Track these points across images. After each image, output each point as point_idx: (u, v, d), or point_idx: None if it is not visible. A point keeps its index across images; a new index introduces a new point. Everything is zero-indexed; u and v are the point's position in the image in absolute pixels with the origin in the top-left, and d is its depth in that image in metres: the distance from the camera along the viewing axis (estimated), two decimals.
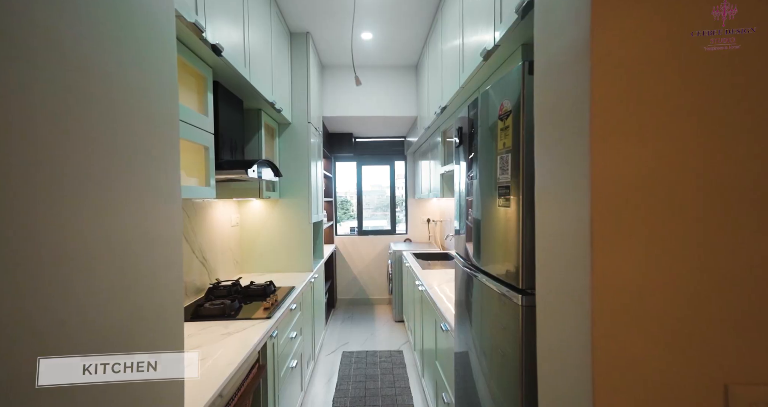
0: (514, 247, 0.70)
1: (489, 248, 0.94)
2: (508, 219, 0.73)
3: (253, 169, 1.59)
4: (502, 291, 0.80)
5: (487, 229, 0.94)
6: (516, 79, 0.66)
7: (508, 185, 0.71)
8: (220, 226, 2.17)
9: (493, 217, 0.86)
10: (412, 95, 3.31)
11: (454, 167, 2.33)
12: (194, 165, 1.35)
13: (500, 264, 0.84)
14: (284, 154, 2.53)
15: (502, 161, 0.74)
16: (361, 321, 3.73)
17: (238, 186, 2.11)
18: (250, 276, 2.37)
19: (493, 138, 0.81)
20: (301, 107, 2.54)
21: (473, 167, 0.98)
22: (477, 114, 0.91)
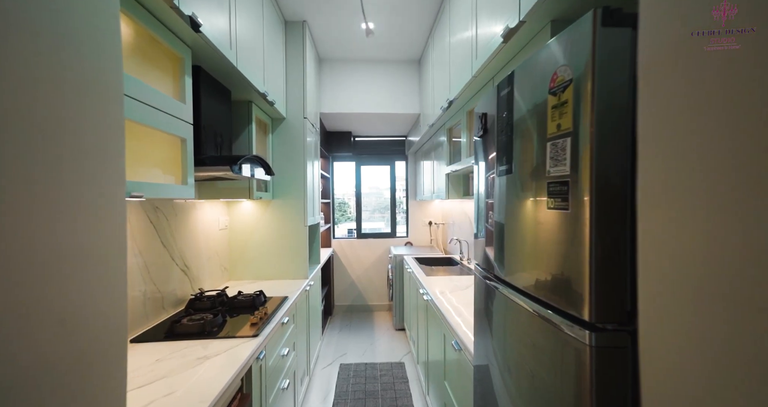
0: (577, 265, 0.51)
1: (522, 259, 0.75)
2: (565, 226, 0.55)
3: (239, 166, 1.40)
4: (547, 317, 0.62)
5: (519, 236, 0.75)
6: (584, 36, 0.47)
7: (566, 180, 0.53)
8: (205, 230, 1.97)
9: (533, 222, 0.67)
10: (415, 91, 3.13)
11: (462, 166, 2.16)
12: (170, 160, 1.16)
13: (544, 282, 0.65)
14: (278, 152, 2.34)
15: (555, 149, 0.56)
16: (359, 329, 3.53)
17: (225, 185, 1.91)
18: (239, 285, 2.17)
19: (537, 120, 0.63)
20: (296, 101, 2.36)
21: (502, 161, 0.80)
22: (511, 93, 0.72)
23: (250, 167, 1.54)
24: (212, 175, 1.51)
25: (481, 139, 0.95)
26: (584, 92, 0.50)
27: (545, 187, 0.60)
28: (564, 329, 0.55)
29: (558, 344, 0.59)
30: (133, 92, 0.94)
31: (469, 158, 1.95)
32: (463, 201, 3.11)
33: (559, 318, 0.57)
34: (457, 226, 3.30)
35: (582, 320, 0.50)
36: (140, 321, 1.37)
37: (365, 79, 3.08)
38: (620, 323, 0.48)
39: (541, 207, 0.63)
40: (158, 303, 1.50)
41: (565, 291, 0.57)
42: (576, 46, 0.50)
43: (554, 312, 0.60)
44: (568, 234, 0.54)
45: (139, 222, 1.39)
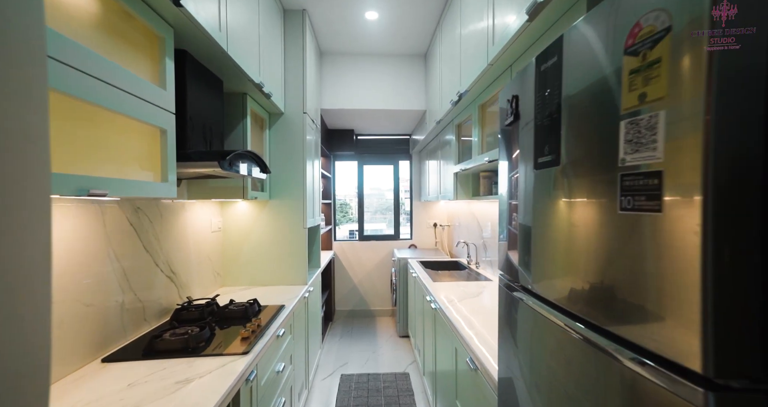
0: (677, 289, 0.36)
1: (568, 270, 0.60)
2: (651, 234, 0.39)
3: (229, 162, 1.25)
4: (609, 351, 0.47)
5: (565, 242, 0.60)
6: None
7: (656, 172, 0.38)
8: (196, 232, 1.82)
9: (590, 226, 0.52)
10: (420, 87, 2.99)
11: (473, 164, 2.00)
12: (147, 154, 1.01)
13: (605, 305, 0.50)
14: (275, 149, 2.20)
15: (635, 129, 0.41)
16: (361, 336, 3.37)
17: (217, 184, 1.77)
18: (232, 292, 2.02)
19: (602, 93, 0.47)
20: (295, 95, 2.21)
21: (543, 150, 0.65)
22: (559, 64, 0.57)
23: (242, 164, 1.39)
24: (200, 173, 1.36)
25: (509, 127, 0.80)
26: (684, 47, 0.35)
27: (616, 181, 0.45)
28: (650, 376, 0.40)
29: (629, 390, 0.44)
30: (99, 72, 0.79)
31: (481, 155, 1.80)
32: (470, 202, 2.96)
33: (634, 356, 0.42)
34: (464, 228, 3.14)
35: (687, 370, 0.35)
36: (116, 336, 1.22)
37: (368, 73, 2.94)
38: (753, 379, 0.33)
39: (605, 207, 0.48)
40: (139, 314, 1.35)
41: (649, 324, 0.41)
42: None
43: (622, 345, 0.45)
44: (656, 245, 0.39)
45: (116, 224, 1.24)
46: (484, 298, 1.86)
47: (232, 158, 1.28)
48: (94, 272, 1.13)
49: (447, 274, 2.58)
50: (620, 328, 0.46)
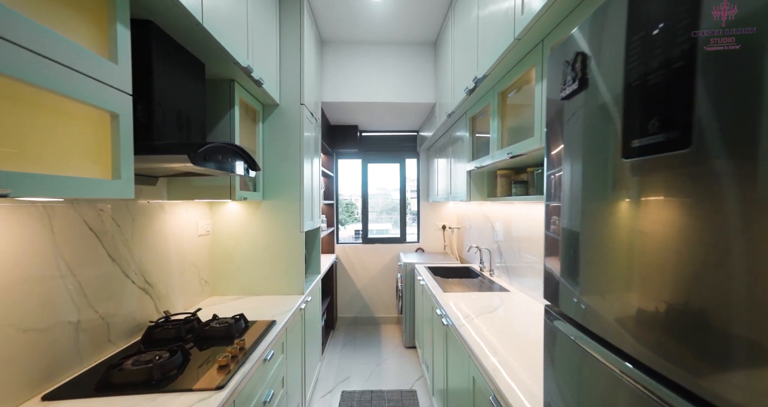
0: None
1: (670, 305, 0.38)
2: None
3: (204, 156, 1.04)
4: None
5: (677, 264, 0.38)
6: None
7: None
8: (178, 237, 1.62)
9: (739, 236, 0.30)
10: (429, 78, 2.76)
11: (490, 161, 1.75)
12: (92, 144, 0.81)
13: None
14: (270, 144, 1.99)
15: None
16: (364, 346, 3.15)
17: (200, 183, 1.56)
18: (222, 302, 1.82)
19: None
20: (292, 85, 2.00)
21: (649, 126, 0.42)
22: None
23: (223, 159, 1.18)
24: (170, 169, 1.16)
25: (566, 102, 0.57)
26: None
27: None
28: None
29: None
30: (23, 37, 0.59)
31: (501, 150, 1.57)
32: (483, 203, 2.73)
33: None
34: (476, 232, 2.91)
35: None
36: (69, 364, 1.02)
37: (373, 63, 2.72)
38: None
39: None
40: (101, 334, 1.15)
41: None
42: None
43: None
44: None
45: (70, 230, 1.04)
46: (503, 313, 1.63)
47: (208, 151, 1.07)
48: (37, 290, 0.93)
49: (458, 283, 2.35)
50: (712, 379, 0.24)
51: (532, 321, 1.50)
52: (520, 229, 2.04)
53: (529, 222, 1.92)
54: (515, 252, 2.11)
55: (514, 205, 2.11)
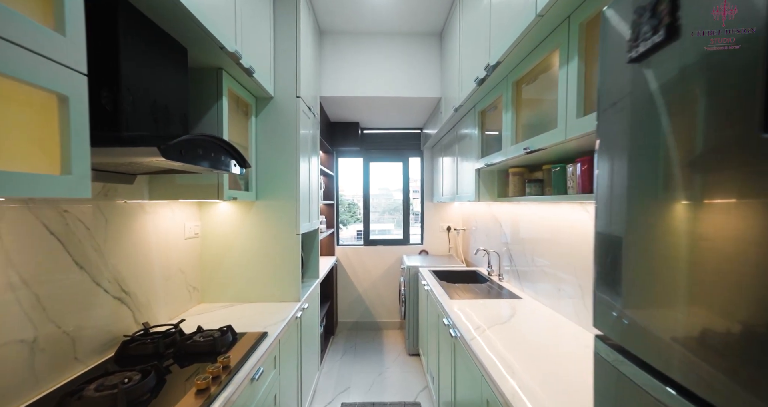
0: None
1: None
2: None
3: (179, 151, 0.90)
4: None
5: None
6: None
7: None
8: (162, 240, 1.49)
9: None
10: (435, 71, 2.61)
11: (502, 158, 1.58)
12: (35, 133, 0.67)
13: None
14: (263, 139, 1.85)
15: None
16: (366, 353, 3.01)
17: (185, 181, 1.43)
18: (211, 310, 1.68)
19: None
20: (287, 76, 1.86)
21: None
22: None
23: (204, 154, 1.04)
24: (142, 164, 1.01)
25: (640, 62, 0.43)
26: None
27: None
28: None
29: None
30: None
31: (516, 145, 1.42)
32: (491, 204, 2.58)
33: None
34: (482, 233, 2.76)
35: None
36: (18, 390, 0.88)
37: (375, 55, 2.58)
38: None
39: None
40: (64, 352, 1.01)
41: None
42: None
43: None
44: None
45: (24, 235, 0.90)
46: (518, 324, 1.48)
47: (184, 145, 0.93)
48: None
49: (465, 288, 2.20)
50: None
51: (552, 335, 1.35)
52: (532, 231, 1.89)
53: (541, 224, 1.77)
54: (526, 256, 1.96)
55: (526, 206, 1.96)
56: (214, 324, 1.43)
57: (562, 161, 1.44)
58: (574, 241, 1.49)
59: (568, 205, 1.55)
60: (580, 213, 1.45)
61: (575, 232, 1.48)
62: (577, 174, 1.29)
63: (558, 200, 1.37)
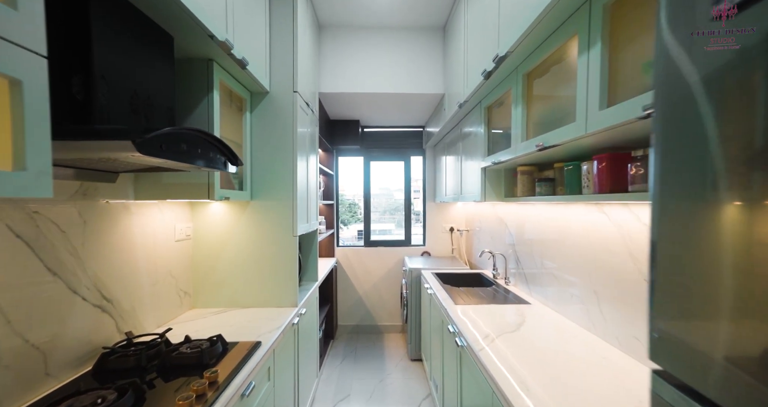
0: None
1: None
2: None
3: (159, 145, 0.81)
4: None
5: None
6: None
7: None
8: (149, 242, 1.40)
9: None
10: (438, 66, 2.52)
11: (510, 156, 1.48)
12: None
13: None
14: (259, 136, 1.76)
15: None
16: (366, 358, 2.92)
17: (172, 180, 1.34)
18: (203, 316, 1.59)
19: None
20: (283, 70, 1.77)
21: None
22: None
23: (187, 149, 0.95)
24: (119, 160, 0.92)
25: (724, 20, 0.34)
26: None
27: None
28: None
29: None
30: None
31: (527, 142, 1.33)
32: (496, 204, 2.48)
33: None
34: (487, 234, 2.67)
35: None
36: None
37: (375, 51, 2.49)
38: None
39: None
40: (34, 367, 0.92)
41: None
42: None
43: None
44: None
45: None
46: (528, 332, 1.38)
47: (164, 139, 0.83)
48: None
49: (470, 292, 2.11)
50: None
51: (566, 345, 1.26)
52: (540, 233, 1.79)
53: (550, 225, 1.68)
54: (534, 259, 1.87)
55: (534, 206, 1.87)
56: (205, 332, 1.34)
57: (574, 159, 1.35)
58: (588, 244, 1.40)
59: (582, 206, 1.45)
60: (595, 215, 1.36)
61: (589, 235, 1.39)
62: (593, 172, 1.19)
63: (573, 201, 1.28)
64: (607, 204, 1.30)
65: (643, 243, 1.11)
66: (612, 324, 1.25)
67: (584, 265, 1.42)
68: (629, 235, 1.17)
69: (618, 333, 1.22)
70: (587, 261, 1.41)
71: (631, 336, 1.16)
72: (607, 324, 1.28)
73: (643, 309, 1.11)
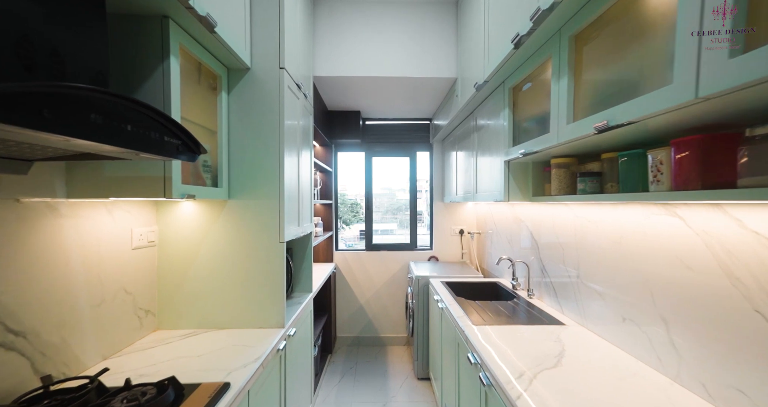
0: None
1: None
2: None
3: (39, 111, 0.51)
4: None
5: None
6: None
7: None
8: (93, 252, 1.10)
9: None
10: (449, 46, 2.21)
11: (546, 145, 1.16)
12: None
13: None
14: (238, 123, 1.46)
15: None
16: (368, 376, 2.61)
17: (116, 172, 1.04)
18: (165, 343, 1.29)
19: None
20: (267, 44, 1.47)
21: None
22: None
23: (103, 123, 0.65)
24: (29, 142, 0.62)
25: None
26: None
27: None
28: None
29: None
30: None
31: (577, 123, 1.02)
32: (514, 204, 2.18)
33: None
34: (504, 238, 2.36)
35: None
36: None
37: (378, 28, 2.18)
38: None
39: None
40: None
41: None
42: None
43: None
44: None
45: None
46: (574, 368, 1.08)
47: (41, 101, 0.53)
48: None
49: (487, 307, 1.80)
50: None
51: (630, 389, 0.95)
52: (572, 237, 1.49)
53: (590, 228, 1.37)
54: (566, 268, 1.57)
55: (568, 206, 1.56)
56: (161, 368, 1.05)
57: (631, 147, 1.04)
58: (650, 255, 1.09)
59: (641, 207, 1.14)
60: (662, 218, 1.05)
61: (652, 244, 1.08)
62: (669, 163, 0.88)
63: (643, 200, 0.97)
64: (681, 206, 0.99)
65: (754, 260, 0.80)
66: (693, 364, 0.95)
67: (644, 282, 1.12)
68: (724, 247, 0.86)
69: (704, 377, 0.91)
70: (649, 278, 1.10)
71: (728, 385, 0.85)
72: (685, 362, 0.97)
73: (752, 350, 0.80)
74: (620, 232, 1.24)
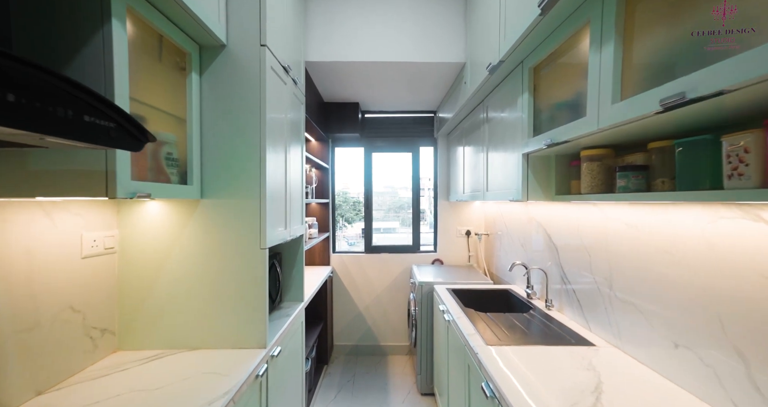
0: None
1: None
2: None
3: None
4: None
5: None
6: None
7: None
8: (23, 263, 0.89)
9: None
10: (457, 27, 1.99)
11: (577, 133, 0.91)
12: None
13: None
14: (213, 110, 1.25)
15: None
16: (367, 391, 2.40)
17: (45, 163, 0.83)
18: (122, 369, 1.08)
19: None
20: (247, 17, 1.25)
21: None
22: None
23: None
24: None
25: None
26: None
27: None
28: None
29: None
30: None
31: (621, 105, 0.80)
32: (528, 203, 1.96)
33: None
34: (516, 240, 2.14)
35: None
36: None
37: (377, 8, 1.96)
38: None
39: None
40: None
41: None
42: None
43: None
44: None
45: None
46: (611, 403, 0.86)
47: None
48: None
49: (500, 320, 1.59)
50: None
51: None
52: (601, 241, 1.27)
53: (627, 232, 1.15)
54: (593, 276, 1.35)
55: (597, 206, 1.34)
56: (110, 403, 0.84)
57: (689, 133, 0.82)
58: (716, 269, 0.87)
59: (703, 209, 0.92)
60: (737, 222, 0.83)
61: (723, 255, 0.86)
62: (760, 150, 0.67)
63: (711, 200, 0.75)
64: (765, 207, 0.77)
65: None
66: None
67: (708, 302, 0.90)
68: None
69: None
70: (715, 298, 0.88)
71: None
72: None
73: None
74: (671, 239, 1.01)
